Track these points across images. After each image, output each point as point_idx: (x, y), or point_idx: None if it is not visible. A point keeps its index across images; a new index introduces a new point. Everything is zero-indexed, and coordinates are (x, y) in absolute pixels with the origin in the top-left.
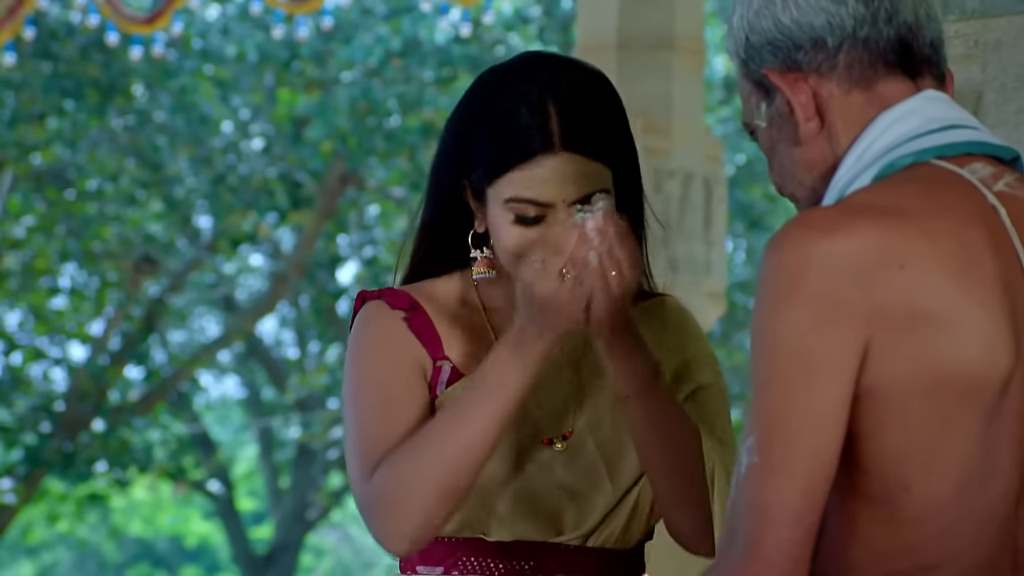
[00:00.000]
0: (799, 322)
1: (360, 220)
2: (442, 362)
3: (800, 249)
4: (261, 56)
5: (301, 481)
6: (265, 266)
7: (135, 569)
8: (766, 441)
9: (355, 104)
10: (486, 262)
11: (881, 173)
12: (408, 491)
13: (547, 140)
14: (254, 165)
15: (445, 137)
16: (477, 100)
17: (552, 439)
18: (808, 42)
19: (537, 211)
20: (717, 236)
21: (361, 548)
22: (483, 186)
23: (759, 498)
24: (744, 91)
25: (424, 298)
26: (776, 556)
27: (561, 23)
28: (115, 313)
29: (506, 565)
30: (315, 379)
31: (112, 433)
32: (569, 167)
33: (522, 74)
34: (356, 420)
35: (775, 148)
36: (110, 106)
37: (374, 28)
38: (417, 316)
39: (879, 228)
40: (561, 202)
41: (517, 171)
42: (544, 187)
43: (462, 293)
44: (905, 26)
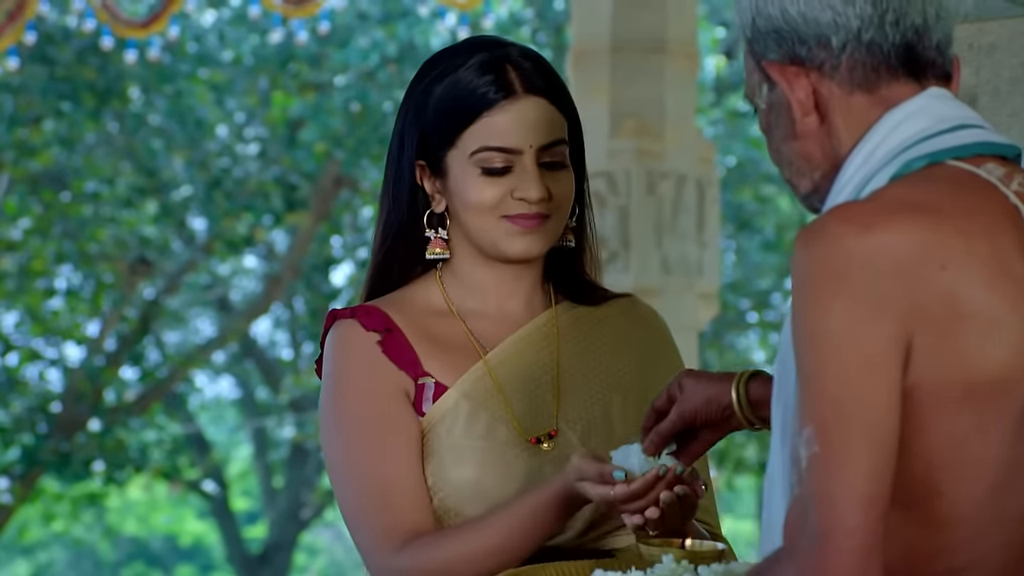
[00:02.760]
0: (845, 315)
1: (354, 222)
2: (424, 379)
3: (840, 244)
4: (256, 60)
5: (295, 480)
6: (259, 268)
7: (130, 568)
8: (824, 429)
9: (350, 107)
10: (440, 243)
11: (898, 173)
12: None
13: (508, 87)
14: (249, 168)
15: (397, 126)
16: (427, 78)
17: (539, 438)
18: (812, 38)
19: (504, 160)
20: (710, 237)
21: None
22: (443, 153)
23: (826, 486)
24: (748, 66)
25: (397, 312)
26: (849, 544)
27: (554, 26)
28: (111, 314)
29: None
30: (309, 379)
31: (108, 433)
32: (532, 111)
33: (469, 47)
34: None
35: (772, 133)
36: (106, 110)
37: (370, 32)
38: (392, 337)
39: (918, 226)
40: (528, 148)
41: (480, 121)
42: (510, 132)
43: (434, 300)
44: (912, 29)
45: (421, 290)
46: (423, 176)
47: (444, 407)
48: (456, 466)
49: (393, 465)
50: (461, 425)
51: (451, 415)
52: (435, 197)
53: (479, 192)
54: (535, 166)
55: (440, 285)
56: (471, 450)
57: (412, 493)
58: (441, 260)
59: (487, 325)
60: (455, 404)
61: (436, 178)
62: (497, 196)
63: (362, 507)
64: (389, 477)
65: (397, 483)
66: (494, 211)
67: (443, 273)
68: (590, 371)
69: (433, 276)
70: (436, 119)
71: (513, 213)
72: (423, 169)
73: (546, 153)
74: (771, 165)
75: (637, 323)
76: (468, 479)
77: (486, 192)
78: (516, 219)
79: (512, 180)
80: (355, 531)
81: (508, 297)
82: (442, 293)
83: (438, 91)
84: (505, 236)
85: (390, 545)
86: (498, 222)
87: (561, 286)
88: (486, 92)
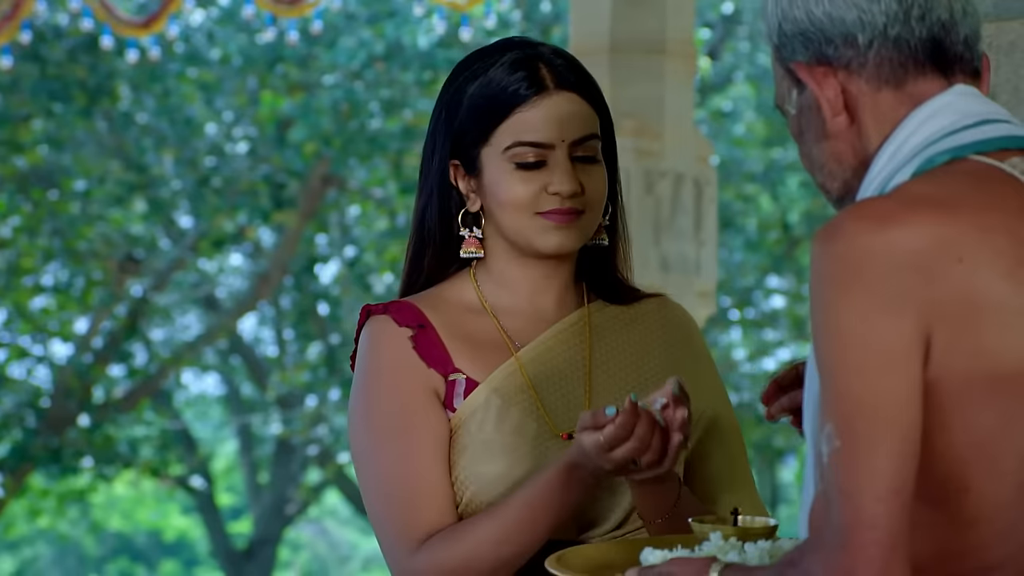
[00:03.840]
0: (863, 310)
1: (341, 221)
2: (455, 375)
3: (857, 240)
4: (244, 60)
5: (280, 476)
6: (246, 266)
7: (114, 564)
8: (846, 423)
9: (338, 106)
10: (475, 242)
11: (920, 169)
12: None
13: (540, 83)
14: (238, 166)
15: (430, 127)
16: (459, 79)
17: (571, 434)
18: (839, 37)
19: (537, 155)
20: (707, 236)
21: (337, 542)
22: (477, 151)
23: (848, 480)
24: (777, 74)
25: (431, 309)
26: (873, 535)
27: (540, 27)
28: (100, 311)
29: (533, 561)
30: (296, 377)
31: (97, 429)
32: (565, 106)
33: (500, 47)
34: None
35: (803, 136)
36: (96, 109)
37: (357, 32)
38: (424, 334)
39: (935, 221)
40: (560, 142)
41: (513, 116)
42: (542, 127)
43: (468, 298)
44: (938, 24)
45: (455, 288)
46: (457, 176)
47: (475, 403)
48: (487, 461)
49: (417, 464)
50: (492, 420)
51: (481, 410)
52: (469, 196)
53: (513, 188)
54: (568, 161)
55: (474, 283)
56: (502, 445)
57: (434, 494)
58: (475, 259)
59: (520, 322)
60: (486, 400)
61: (470, 177)
62: (531, 192)
63: (384, 506)
64: (412, 476)
65: (419, 483)
66: (528, 207)
67: (477, 271)
68: (621, 369)
69: (467, 274)
70: (469, 117)
71: (547, 209)
72: (457, 168)
73: (579, 148)
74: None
75: (668, 323)
76: (499, 474)
77: (520, 188)
78: (550, 215)
79: (545, 175)
80: (377, 529)
81: (541, 294)
82: (476, 291)
83: (470, 90)
84: (539, 232)
85: (408, 545)
86: (532, 218)
87: (593, 285)
88: (518, 88)
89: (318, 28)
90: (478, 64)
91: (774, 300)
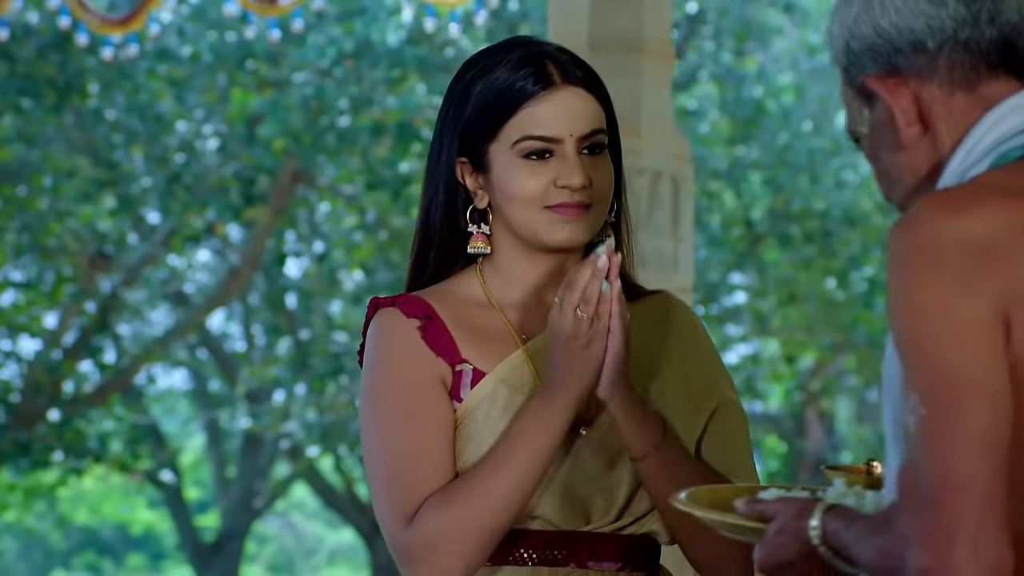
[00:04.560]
0: (939, 291)
1: (310, 217)
2: (462, 366)
3: (932, 228)
4: (215, 57)
5: (248, 470)
6: (216, 262)
7: (81, 557)
8: (930, 390)
9: (308, 103)
10: (482, 238)
11: (993, 164)
12: (455, 540)
13: (547, 78)
14: (208, 163)
15: (436, 126)
16: (466, 77)
17: (576, 426)
18: (908, 46)
19: (546, 149)
20: (684, 232)
21: (303, 535)
22: (485, 148)
23: (935, 443)
24: (847, 98)
25: (438, 302)
26: (963, 493)
27: (508, 26)
28: (70, 307)
29: (539, 554)
30: (265, 372)
31: (67, 424)
32: (572, 101)
33: (505, 46)
34: (379, 457)
35: (878, 155)
36: (66, 105)
37: (327, 30)
38: (432, 324)
39: (1008, 208)
40: (568, 136)
41: (521, 112)
42: (551, 121)
43: (474, 293)
44: (1009, 26)
45: (461, 283)
46: (464, 172)
47: (481, 393)
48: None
49: (420, 444)
50: (499, 410)
51: (488, 400)
52: (477, 193)
53: (522, 183)
54: (576, 155)
55: (480, 278)
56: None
57: (436, 474)
58: (482, 255)
59: (526, 316)
60: (492, 390)
61: (478, 173)
62: (540, 187)
63: (384, 482)
64: (414, 455)
65: (422, 462)
66: (538, 201)
67: (483, 267)
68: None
69: (473, 270)
70: (477, 114)
71: (556, 202)
72: (464, 165)
73: (586, 142)
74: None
75: (672, 318)
76: None
77: (529, 183)
78: (559, 208)
79: (554, 169)
80: (377, 506)
81: (547, 289)
82: (482, 286)
83: (477, 88)
84: (548, 225)
85: (404, 519)
86: (541, 212)
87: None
88: (525, 84)
89: (299, 26)
90: (484, 62)
91: (737, 296)
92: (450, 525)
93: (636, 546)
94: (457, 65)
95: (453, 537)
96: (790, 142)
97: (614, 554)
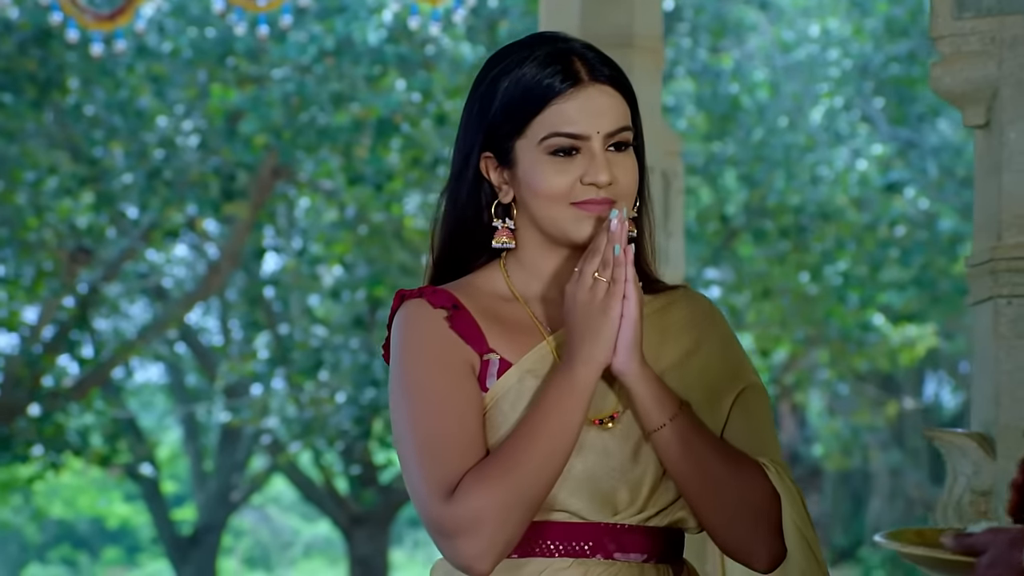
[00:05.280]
0: None
1: (289, 212)
2: (489, 355)
3: None
4: (195, 53)
5: (225, 464)
6: (195, 257)
7: (57, 551)
8: None
9: (288, 100)
10: (507, 232)
11: None
12: (499, 512)
13: (575, 76)
14: (188, 159)
15: (462, 121)
16: (492, 73)
17: (602, 420)
18: None
19: (573, 146)
20: (675, 227)
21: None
22: (511, 143)
23: None
24: None
25: (463, 295)
26: None
27: (487, 23)
28: (50, 302)
29: (566, 546)
30: (243, 366)
31: (47, 418)
32: (599, 98)
33: (532, 42)
34: (413, 435)
35: None
36: (47, 101)
37: (307, 27)
38: (459, 314)
39: None
40: (595, 133)
41: (549, 109)
42: (578, 119)
43: (499, 286)
44: None
45: (485, 277)
46: (489, 168)
47: (508, 383)
48: None
49: (457, 423)
50: (526, 400)
51: (515, 390)
52: (502, 188)
53: (549, 179)
54: (603, 152)
55: (504, 272)
56: None
57: (473, 450)
58: (506, 249)
59: (550, 309)
60: (519, 380)
61: (503, 168)
62: (567, 182)
63: (421, 459)
64: (451, 433)
65: (459, 439)
66: (564, 197)
67: (507, 261)
68: (650, 356)
69: (497, 264)
70: (504, 111)
71: (582, 199)
72: (489, 160)
73: (612, 139)
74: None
75: (695, 312)
76: None
77: (556, 179)
78: (585, 204)
79: (581, 166)
80: (412, 483)
81: None
82: (506, 279)
83: (504, 84)
84: (574, 221)
85: (444, 494)
86: (567, 208)
87: None
88: (553, 82)
89: (287, 22)
90: (510, 59)
91: (712, 291)
92: (493, 498)
93: (662, 537)
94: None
95: (497, 509)
96: (765, 138)
97: (640, 545)
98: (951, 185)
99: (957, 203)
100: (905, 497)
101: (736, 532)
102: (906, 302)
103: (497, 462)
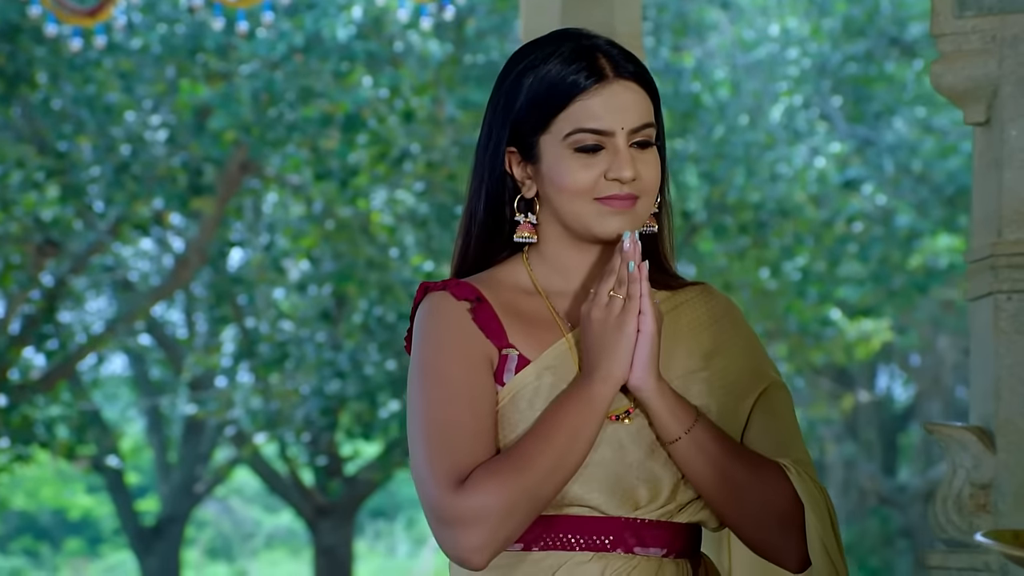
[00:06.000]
0: None
1: (257, 207)
2: (508, 350)
3: None
4: (164, 49)
5: (189, 456)
6: (160, 250)
7: (18, 542)
8: None
9: (257, 96)
10: (529, 227)
11: None
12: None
13: (600, 72)
14: (156, 153)
15: (486, 117)
16: (516, 69)
17: (618, 415)
18: None
19: (597, 141)
20: None
21: (241, 520)
22: (535, 139)
23: None
24: None
25: (486, 288)
26: None
27: (456, 21)
28: (17, 295)
29: (585, 540)
30: (209, 359)
31: (14, 410)
32: (624, 94)
33: (556, 39)
34: (424, 420)
35: None
36: (14, 95)
37: (276, 23)
38: (481, 307)
39: None
40: (620, 130)
41: (574, 105)
42: (603, 115)
43: (521, 280)
44: None
45: (508, 271)
46: (512, 163)
47: (525, 379)
48: None
49: (472, 415)
50: (543, 398)
51: (532, 387)
52: (525, 183)
53: (573, 174)
54: (627, 147)
55: (527, 267)
56: None
57: (485, 444)
58: (528, 243)
59: (571, 304)
60: (537, 376)
61: (527, 163)
62: (591, 179)
63: (432, 447)
64: (465, 425)
65: (472, 431)
66: (588, 193)
67: (529, 256)
68: (668, 353)
69: (519, 259)
70: (528, 106)
71: (606, 194)
72: (513, 155)
73: (636, 135)
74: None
75: (714, 309)
76: None
77: (581, 174)
78: (609, 200)
79: (605, 162)
80: (419, 469)
81: (593, 278)
82: (528, 274)
83: (529, 80)
84: (598, 217)
85: (453, 484)
86: (591, 204)
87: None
88: (578, 78)
89: (269, 19)
90: (535, 55)
91: None
92: (501, 495)
93: (682, 533)
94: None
95: (503, 506)
96: (726, 135)
97: (661, 540)
98: (907, 182)
99: (913, 199)
100: (859, 488)
101: (762, 535)
102: (862, 296)
103: (510, 460)
